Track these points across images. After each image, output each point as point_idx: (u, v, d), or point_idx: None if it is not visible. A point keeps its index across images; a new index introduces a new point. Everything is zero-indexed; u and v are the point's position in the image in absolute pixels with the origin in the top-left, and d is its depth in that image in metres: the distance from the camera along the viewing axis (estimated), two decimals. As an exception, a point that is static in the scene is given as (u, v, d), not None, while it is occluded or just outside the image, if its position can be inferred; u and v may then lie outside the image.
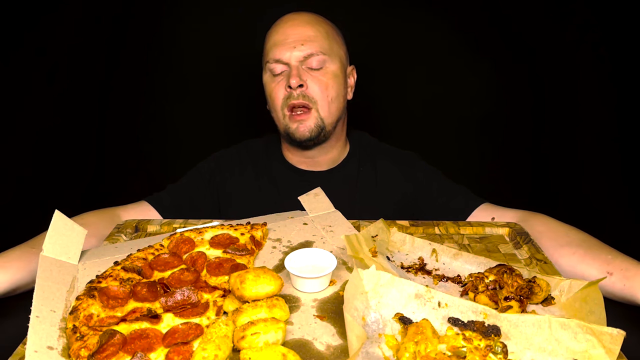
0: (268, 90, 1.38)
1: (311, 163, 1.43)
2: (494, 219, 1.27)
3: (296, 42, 1.32)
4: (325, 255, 0.94)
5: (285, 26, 1.35)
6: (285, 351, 0.70)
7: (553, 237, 1.14)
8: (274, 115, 1.39)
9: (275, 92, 1.34)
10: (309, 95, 1.32)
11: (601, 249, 1.08)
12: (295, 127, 1.33)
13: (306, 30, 1.34)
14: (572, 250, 1.09)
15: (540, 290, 0.86)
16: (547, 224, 1.19)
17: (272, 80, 1.36)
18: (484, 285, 0.87)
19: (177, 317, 0.81)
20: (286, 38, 1.33)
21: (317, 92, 1.33)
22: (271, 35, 1.37)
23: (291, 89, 1.31)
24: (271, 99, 1.37)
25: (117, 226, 1.19)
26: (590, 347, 0.72)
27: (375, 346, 0.75)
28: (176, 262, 0.96)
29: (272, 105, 1.37)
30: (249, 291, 0.81)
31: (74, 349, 0.73)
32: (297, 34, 1.33)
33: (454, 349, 0.72)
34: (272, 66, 1.34)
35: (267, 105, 1.42)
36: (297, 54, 1.31)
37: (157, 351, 0.74)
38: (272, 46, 1.34)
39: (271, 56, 1.34)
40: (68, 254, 0.95)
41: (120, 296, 0.84)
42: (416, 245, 1.04)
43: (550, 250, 1.11)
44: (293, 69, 1.31)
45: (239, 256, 0.98)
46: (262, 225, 1.09)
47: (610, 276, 1.02)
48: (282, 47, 1.32)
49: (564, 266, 1.09)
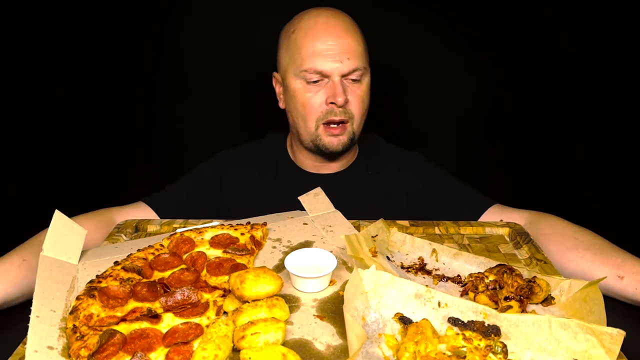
0: (301, 98, 1.29)
1: (322, 167, 1.41)
2: (502, 220, 1.25)
3: (341, 56, 1.25)
4: (325, 255, 0.94)
5: (325, 35, 1.26)
6: (285, 351, 0.70)
7: (561, 240, 1.12)
8: (300, 123, 1.32)
9: (311, 103, 1.28)
10: (349, 111, 1.29)
11: (610, 251, 1.06)
12: (329, 140, 1.30)
13: (349, 41, 1.27)
14: (581, 253, 1.07)
15: (541, 290, 0.86)
16: (555, 226, 1.17)
17: (305, 88, 1.28)
18: (484, 285, 0.87)
19: (177, 317, 0.81)
20: (329, 49, 1.25)
21: (355, 107, 1.29)
22: (309, 41, 1.27)
23: (333, 105, 1.26)
24: (303, 108, 1.30)
25: (117, 226, 1.19)
26: (590, 347, 0.72)
27: (375, 346, 0.75)
28: (176, 262, 0.96)
29: (302, 113, 1.30)
30: (249, 291, 0.81)
31: (74, 348, 0.73)
32: (341, 46, 1.25)
33: (454, 349, 0.72)
34: (308, 75, 1.27)
35: (283, 105, 1.37)
36: (342, 69, 1.25)
37: (157, 351, 0.74)
38: (311, 55, 1.26)
39: (310, 66, 1.25)
40: (68, 254, 0.95)
41: (120, 296, 0.84)
42: (416, 245, 1.04)
43: (558, 254, 1.09)
44: (337, 84, 1.25)
45: (239, 256, 0.98)
46: (262, 225, 1.09)
47: (621, 280, 1.00)
48: (326, 58, 1.25)
49: (573, 270, 1.07)
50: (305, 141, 1.35)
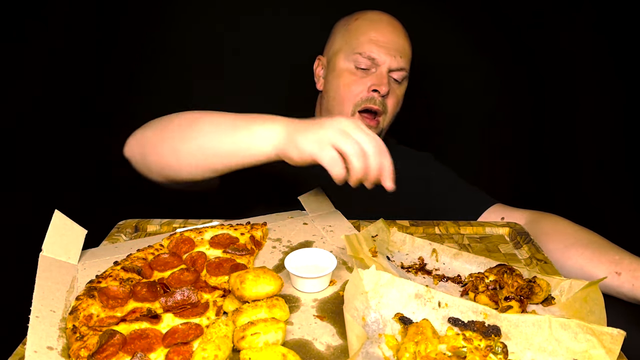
0: (346, 79, 1.33)
1: None
2: (503, 219, 1.27)
3: (396, 52, 1.32)
4: (325, 255, 0.94)
5: (386, 30, 1.33)
6: (285, 351, 0.70)
7: (560, 238, 1.14)
8: (336, 106, 1.35)
9: (353, 86, 1.32)
10: (386, 105, 1.33)
11: (609, 249, 1.08)
12: None
13: (404, 43, 1.35)
14: (580, 251, 1.09)
15: (541, 290, 0.86)
16: (555, 224, 1.19)
17: (353, 71, 1.33)
18: (484, 285, 0.87)
19: (177, 317, 0.81)
20: (388, 42, 1.32)
21: (392, 104, 1.34)
22: (371, 29, 1.33)
23: (375, 93, 1.30)
24: (345, 88, 1.33)
25: (117, 226, 1.19)
26: (590, 347, 0.72)
27: (375, 346, 0.75)
28: (176, 262, 0.96)
29: (342, 94, 1.34)
30: (249, 291, 0.81)
31: (74, 349, 0.73)
32: (398, 44, 1.32)
33: (454, 349, 0.72)
34: (360, 59, 1.31)
35: (321, 87, 1.40)
36: (392, 64, 1.31)
37: (157, 351, 0.74)
38: (369, 41, 1.31)
39: (366, 50, 1.31)
40: (68, 254, 0.94)
41: (120, 296, 0.84)
42: (416, 245, 1.04)
43: (558, 252, 1.11)
44: (384, 75, 1.31)
45: (239, 256, 0.98)
46: (262, 225, 1.09)
47: (618, 276, 1.02)
48: (383, 49, 1.31)
49: (572, 267, 1.09)
50: None
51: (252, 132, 0.99)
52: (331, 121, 0.92)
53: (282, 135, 0.96)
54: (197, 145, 1.05)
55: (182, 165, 1.08)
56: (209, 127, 1.04)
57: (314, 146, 0.91)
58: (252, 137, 0.99)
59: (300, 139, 0.92)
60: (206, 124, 1.05)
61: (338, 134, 0.90)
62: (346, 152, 0.90)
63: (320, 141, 0.90)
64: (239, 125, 1.02)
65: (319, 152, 0.90)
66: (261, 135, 0.98)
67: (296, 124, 0.96)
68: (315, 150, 0.91)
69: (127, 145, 1.18)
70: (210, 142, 1.03)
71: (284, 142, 0.95)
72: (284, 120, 0.98)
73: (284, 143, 0.95)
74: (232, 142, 1.01)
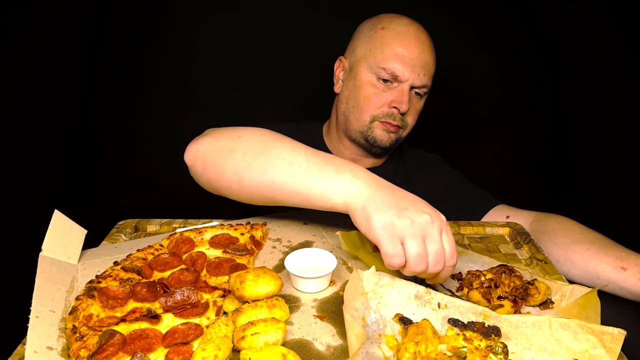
0: (366, 91, 1.32)
1: (358, 160, 1.43)
2: (508, 217, 1.29)
3: (420, 70, 1.29)
4: (325, 255, 0.94)
5: (413, 45, 1.30)
6: (285, 351, 0.70)
7: (567, 234, 1.16)
8: (354, 113, 1.35)
9: (373, 99, 1.31)
10: (405, 120, 1.34)
11: (615, 247, 1.11)
12: (380, 135, 1.33)
13: (429, 60, 1.32)
14: (586, 246, 1.11)
15: (537, 292, 0.86)
16: (562, 222, 1.22)
17: (374, 84, 1.31)
18: (479, 282, 0.87)
19: (177, 317, 0.81)
20: (413, 59, 1.29)
21: (411, 118, 1.35)
22: (397, 44, 1.30)
23: (395, 109, 1.30)
24: (365, 100, 1.32)
25: (117, 226, 1.19)
26: (590, 347, 0.72)
27: (376, 346, 0.75)
28: (176, 262, 0.96)
29: (361, 104, 1.33)
30: (249, 291, 0.81)
31: (74, 349, 0.73)
32: (422, 61, 1.30)
33: (454, 349, 0.72)
34: (383, 73, 1.29)
35: (339, 90, 1.40)
36: (416, 81, 1.30)
37: (156, 351, 0.74)
38: (394, 57, 1.29)
39: (389, 67, 1.28)
40: (68, 254, 0.94)
41: (120, 296, 0.84)
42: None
43: (564, 247, 1.14)
44: (405, 93, 1.30)
45: (239, 256, 0.98)
46: (262, 225, 1.09)
47: (624, 271, 1.04)
48: (406, 65, 1.28)
49: (577, 262, 1.11)
50: (352, 130, 1.37)
51: (328, 183, 0.90)
52: (414, 213, 0.82)
53: (358, 199, 0.86)
54: (265, 179, 0.96)
55: (242, 191, 1.01)
56: (280, 162, 0.95)
57: (382, 233, 0.81)
58: (327, 188, 0.90)
59: (374, 216, 0.82)
60: (278, 158, 0.95)
61: (413, 234, 0.81)
62: (409, 255, 0.81)
63: (392, 232, 0.81)
64: (314, 171, 0.92)
65: (383, 242, 0.81)
66: (336, 189, 0.90)
67: (376, 192, 0.86)
68: (382, 238, 0.81)
69: (188, 151, 1.08)
70: (280, 181, 0.95)
71: (357, 207, 0.86)
72: (365, 182, 0.88)
73: (356, 208, 0.86)
74: (304, 187, 0.93)
